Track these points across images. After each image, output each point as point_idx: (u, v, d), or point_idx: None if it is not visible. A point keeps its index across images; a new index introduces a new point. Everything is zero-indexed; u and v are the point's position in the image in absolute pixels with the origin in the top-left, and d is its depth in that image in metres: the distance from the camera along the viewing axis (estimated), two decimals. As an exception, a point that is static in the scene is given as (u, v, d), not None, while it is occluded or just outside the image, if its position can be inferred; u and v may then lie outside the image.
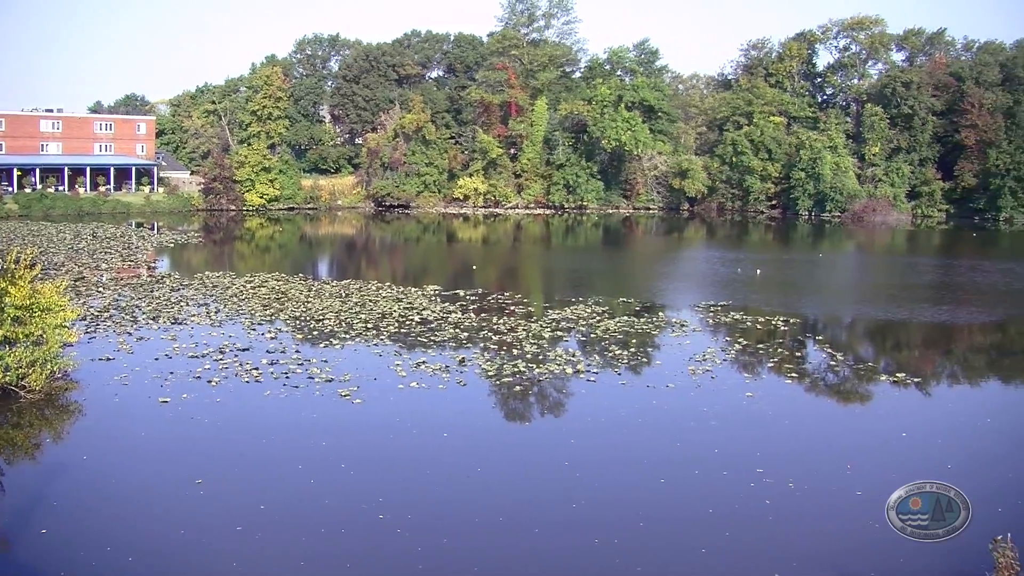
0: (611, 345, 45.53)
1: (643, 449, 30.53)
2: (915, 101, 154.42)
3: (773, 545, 23.36)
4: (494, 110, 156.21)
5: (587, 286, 67.60)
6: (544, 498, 26.34)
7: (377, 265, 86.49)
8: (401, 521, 24.16)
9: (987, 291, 68.95)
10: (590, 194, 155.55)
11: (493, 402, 36.73)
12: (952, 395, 41.47)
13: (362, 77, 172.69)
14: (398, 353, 43.16)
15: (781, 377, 40.91)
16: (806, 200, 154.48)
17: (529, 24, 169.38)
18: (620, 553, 22.62)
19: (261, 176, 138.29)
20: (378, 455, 29.65)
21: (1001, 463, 29.74)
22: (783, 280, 75.00)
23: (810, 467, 29.03)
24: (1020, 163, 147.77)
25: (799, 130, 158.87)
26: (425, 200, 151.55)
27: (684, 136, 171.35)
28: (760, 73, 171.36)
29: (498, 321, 51.18)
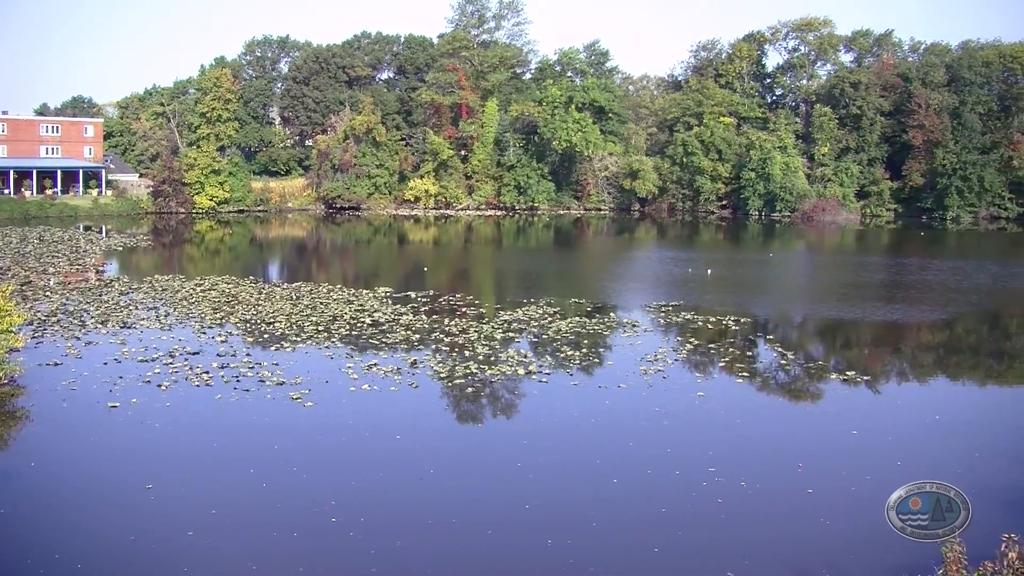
0: (563, 346, 45.61)
1: (596, 449, 30.56)
2: (863, 102, 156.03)
3: (725, 544, 23.44)
4: (444, 111, 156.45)
5: (539, 287, 67.67)
6: (497, 499, 26.35)
7: (328, 267, 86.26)
8: (354, 523, 24.11)
9: (936, 289, 69.58)
10: (541, 195, 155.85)
11: (445, 404, 36.67)
12: (902, 393, 41.76)
13: (312, 79, 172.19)
14: (349, 355, 43.05)
15: (732, 377, 41.07)
16: (756, 200, 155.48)
17: (479, 25, 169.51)
18: (573, 553, 22.66)
19: (211, 179, 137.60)
20: (330, 458, 29.55)
21: (950, 459, 29.99)
22: (734, 280, 75.28)
23: (762, 466, 29.14)
24: (966, 163, 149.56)
25: (749, 130, 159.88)
26: (376, 202, 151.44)
27: (635, 137, 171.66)
28: (710, 74, 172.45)
29: (450, 323, 51.16)
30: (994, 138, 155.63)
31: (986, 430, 34.32)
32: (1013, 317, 61.49)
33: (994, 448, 31.74)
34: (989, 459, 30.41)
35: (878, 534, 24.09)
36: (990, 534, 19.68)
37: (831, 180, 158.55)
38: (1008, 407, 39.23)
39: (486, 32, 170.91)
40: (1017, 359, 49.11)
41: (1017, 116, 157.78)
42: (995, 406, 39.35)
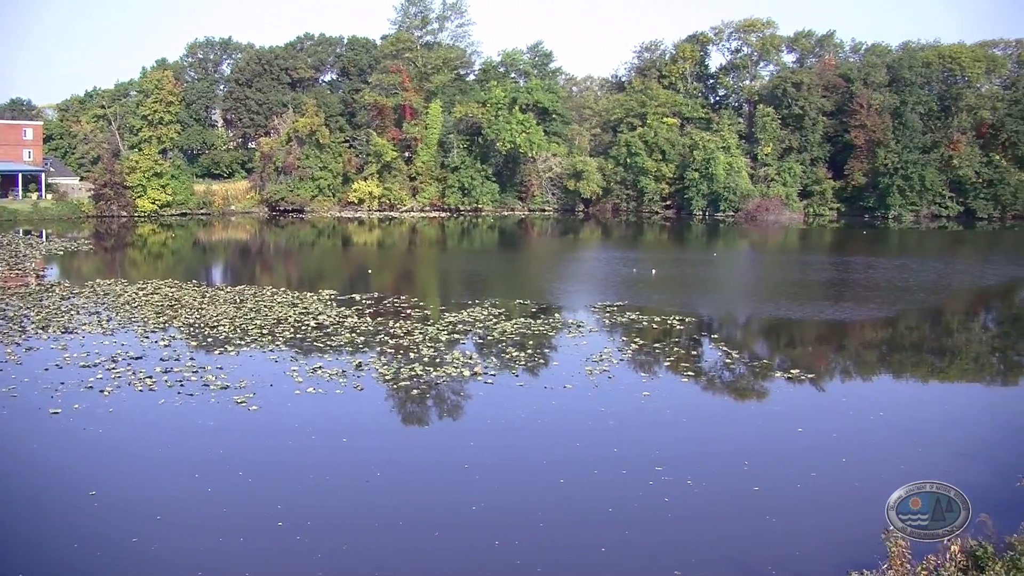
0: (508, 347, 45.58)
1: (542, 450, 30.54)
2: (806, 102, 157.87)
3: (673, 542, 23.48)
4: (388, 113, 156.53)
5: (483, 288, 67.69)
6: (444, 501, 26.24)
7: (272, 270, 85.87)
8: (300, 527, 23.94)
9: (879, 288, 70.19)
10: (485, 196, 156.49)
11: (391, 406, 36.55)
12: (846, 390, 41.97)
13: (255, 81, 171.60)
14: (294, 358, 42.82)
15: (678, 376, 41.18)
16: (700, 200, 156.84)
17: (423, 27, 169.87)
18: (520, 554, 22.61)
19: (153, 181, 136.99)
20: (276, 461, 29.34)
21: (893, 455, 30.17)
22: (679, 280, 75.61)
23: (708, 464, 29.22)
24: (907, 162, 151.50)
25: (692, 131, 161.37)
26: (320, 204, 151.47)
27: (578, 138, 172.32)
28: (653, 75, 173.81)
29: (394, 325, 51.04)
30: (934, 138, 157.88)
31: (928, 426, 34.56)
32: (955, 314, 62.06)
33: (935, 444, 31.97)
34: (931, 455, 30.64)
35: (824, 531, 24.36)
36: (934, 529, 19.83)
37: (774, 180, 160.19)
38: (949, 403, 39.53)
39: (429, 33, 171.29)
40: (959, 356, 49.52)
41: (956, 116, 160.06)
42: (937, 403, 39.64)
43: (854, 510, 25.63)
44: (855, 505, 26.02)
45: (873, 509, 24.43)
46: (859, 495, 26.71)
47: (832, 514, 25.61)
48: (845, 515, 25.44)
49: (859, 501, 26.22)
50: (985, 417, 36.78)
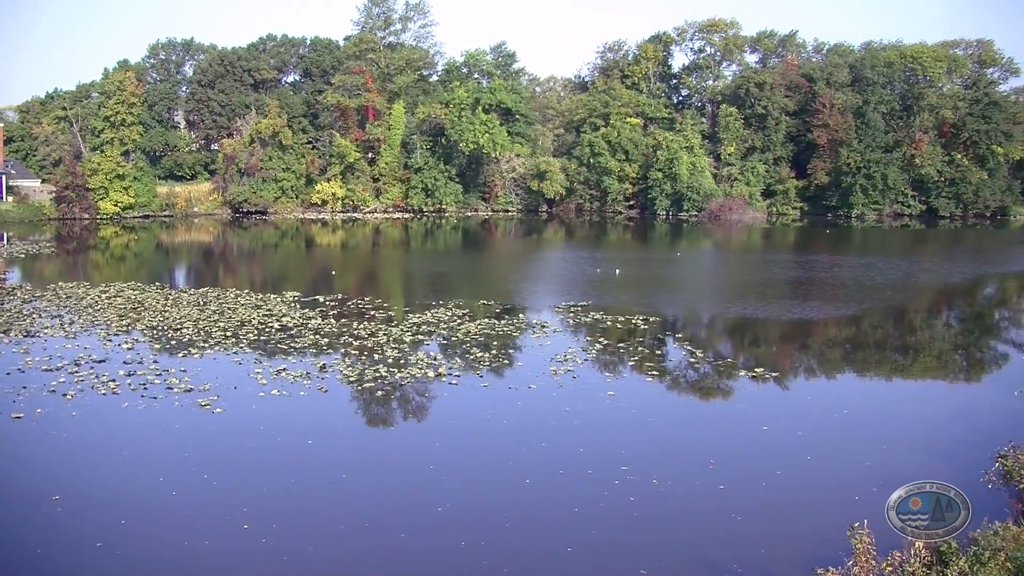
0: (472, 348, 45.58)
1: (507, 450, 30.56)
2: (768, 101, 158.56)
3: (639, 542, 23.49)
4: (351, 114, 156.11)
5: (447, 289, 67.70)
6: (410, 502, 26.18)
7: (235, 272, 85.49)
8: (266, 530, 23.85)
9: (843, 286, 70.63)
10: (449, 197, 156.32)
11: (356, 407, 36.46)
12: (810, 388, 42.16)
13: (217, 82, 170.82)
14: (258, 361, 42.66)
15: (642, 376, 41.23)
16: (664, 200, 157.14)
17: (386, 28, 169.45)
18: (487, 555, 22.60)
19: (115, 184, 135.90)
20: (241, 464, 29.23)
21: (857, 452, 30.31)
22: (642, 279, 75.72)
23: (673, 463, 29.29)
24: (870, 162, 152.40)
25: (656, 131, 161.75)
26: (283, 206, 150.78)
27: (542, 138, 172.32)
28: (616, 75, 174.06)
29: (358, 326, 50.95)
30: (897, 137, 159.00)
31: (893, 424, 34.77)
32: (919, 312, 62.44)
33: (900, 441, 32.13)
34: (895, 451, 30.80)
35: (790, 529, 24.45)
36: (898, 525, 19.93)
37: (737, 179, 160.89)
38: (914, 401, 39.72)
39: (392, 34, 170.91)
40: (922, 353, 49.81)
41: (918, 115, 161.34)
42: (901, 400, 39.83)
43: (820, 508, 25.78)
44: (821, 503, 26.17)
45: (839, 506, 24.72)
46: (825, 493, 26.87)
47: (798, 512, 25.72)
48: (811, 513, 25.56)
49: (825, 499, 26.39)
50: (948, 414, 36.99)
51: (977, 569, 17.64)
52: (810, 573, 19.18)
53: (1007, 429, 29.52)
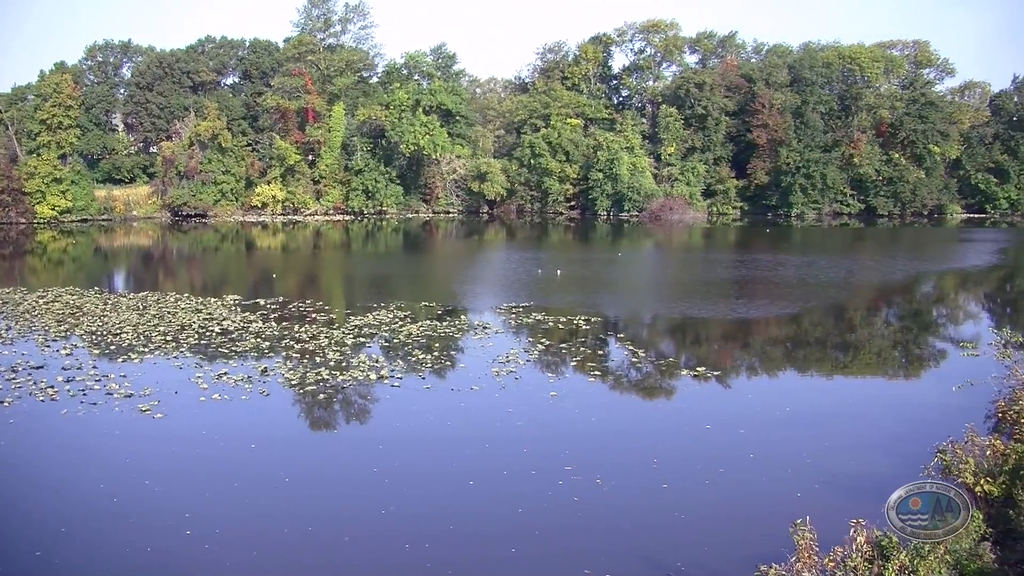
0: (414, 350, 45.49)
1: (451, 452, 30.48)
2: (708, 102, 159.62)
3: (583, 541, 23.52)
4: (291, 116, 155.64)
5: (389, 291, 67.51)
6: (354, 506, 26.08)
7: (175, 276, 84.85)
8: (209, 536, 23.67)
9: (783, 285, 71.16)
10: (389, 199, 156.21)
11: (298, 411, 36.28)
12: (752, 387, 42.37)
13: (156, 84, 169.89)
14: (199, 365, 42.39)
15: (585, 376, 41.33)
16: (604, 200, 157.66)
17: (325, 29, 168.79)
18: (431, 557, 22.53)
19: (52, 187, 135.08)
20: (183, 470, 28.96)
21: (799, 449, 30.50)
22: (584, 280, 75.87)
23: (617, 463, 29.30)
24: (809, 161, 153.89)
25: (596, 132, 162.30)
26: (223, 209, 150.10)
27: (482, 139, 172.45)
28: (556, 76, 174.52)
29: (300, 329, 50.75)
30: (835, 136, 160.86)
31: (834, 420, 35.04)
32: (858, 310, 62.88)
33: (841, 437, 32.39)
34: (837, 448, 31.04)
35: (733, 526, 24.56)
36: (839, 520, 20.12)
37: (678, 179, 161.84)
38: (854, 397, 40.01)
39: (332, 36, 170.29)
40: (862, 350, 50.16)
41: (856, 115, 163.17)
42: (842, 397, 40.11)
43: (763, 505, 25.91)
44: (764, 500, 26.31)
45: (781, 504, 24.89)
46: (767, 490, 27.00)
47: (741, 509, 25.81)
48: (754, 510, 25.67)
49: (767, 496, 26.51)
50: (888, 411, 37.21)
51: (917, 563, 17.78)
52: (753, 570, 19.21)
53: (946, 424, 29.72)
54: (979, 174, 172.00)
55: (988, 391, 34.67)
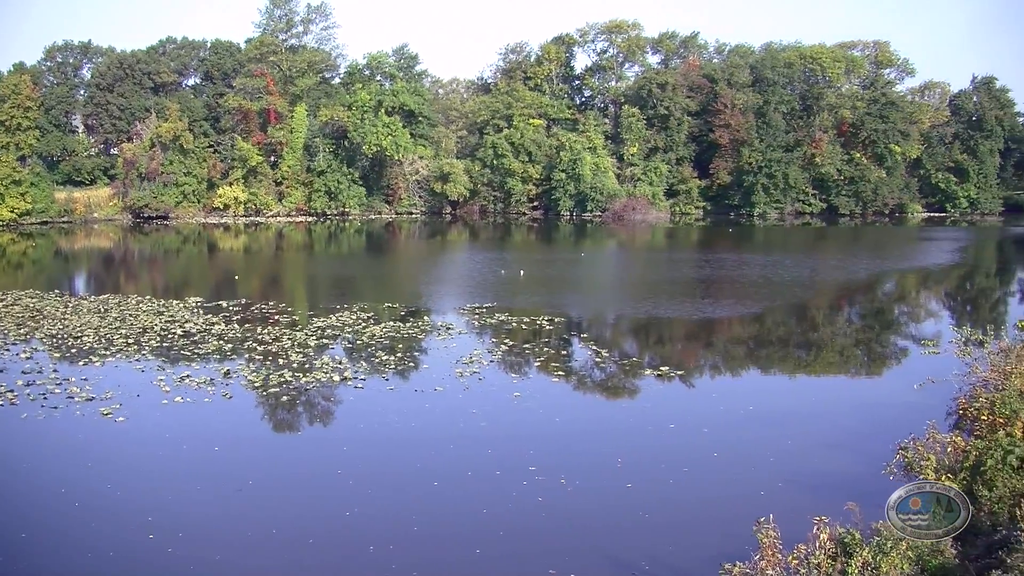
0: (378, 351, 45.42)
1: (415, 453, 30.40)
2: (671, 102, 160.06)
3: (547, 541, 23.53)
4: (253, 117, 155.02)
5: (352, 293, 67.36)
6: (318, 508, 26.00)
7: (137, 278, 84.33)
8: (172, 540, 23.54)
9: (746, 284, 71.43)
10: (352, 200, 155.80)
11: (261, 413, 36.14)
12: (716, 385, 42.51)
13: (116, 85, 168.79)
14: (161, 368, 42.14)
15: (548, 376, 41.33)
16: (567, 201, 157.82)
17: (287, 30, 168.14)
18: (395, 558, 22.48)
19: (11, 190, 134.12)
20: (145, 473, 28.79)
21: (763, 448, 30.63)
22: (547, 280, 75.97)
23: (581, 463, 29.34)
24: (771, 161, 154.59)
25: (559, 132, 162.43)
26: (184, 210, 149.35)
27: (445, 140, 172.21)
28: (519, 76, 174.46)
29: (262, 331, 50.56)
30: (797, 136, 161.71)
31: (797, 419, 35.21)
32: (820, 309, 63.17)
33: (804, 436, 32.55)
34: (800, 446, 31.21)
35: (698, 525, 24.64)
36: (803, 518, 20.24)
37: (640, 179, 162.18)
38: (817, 396, 40.23)
39: (294, 37, 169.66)
40: (824, 349, 50.41)
41: (818, 115, 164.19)
42: (805, 395, 40.37)
43: (727, 503, 25.98)
44: (728, 499, 26.38)
45: (745, 502, 24.95)
46: (731, 488, 27.09)
47: (705, 508, 25.91)
48: (718, 509, 25.75)
49: (731, 495, 26.59)
50: (851, 409, 37.41)
51: (880, 559, 17.89)
52: (718, 568, 19.25)
53: (907, 422, 29.89)
54: (939, 173, 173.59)
55: (949, 389, 34.85)
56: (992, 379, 32.12)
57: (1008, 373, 31.19)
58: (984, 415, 27.43)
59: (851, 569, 17.99)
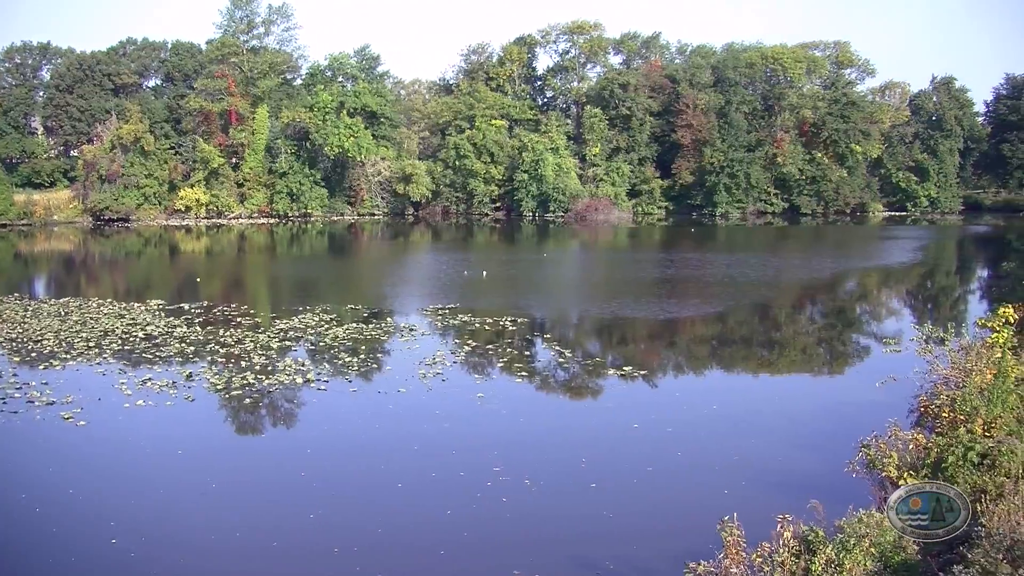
0: (341, 352, 45.30)
1: (379, 455, 30.35)
2: (633, 102, 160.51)
3: (512, 542, 23.54)
4: (214, 119, 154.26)
5: (314, 294, 67.25)
6: (282, 510, 25.90)
7: (98, 281, 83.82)
8: (134, 544, 23.39)
9: (711, 284, 71.65)
10: (314, 202, 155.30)
11: (224, 416, 35.96)
12: (679, 385, 42.67)
13: (76, 87, 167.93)
14: (123, 371, 41.85)
15: (512, 376, 41.32)
16: (530, 201, 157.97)
17: (248, 31, 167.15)
18: (360, 560, 22.41)
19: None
20: (107, 477, 28.62)
21: (726, 447, 30.72)
22: (510, 281, 75.98)
23: (545, 463, 29.33)
24: (733, 161, 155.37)
25: (521, 133, 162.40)
26: (146, 213, 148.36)
27: (407, 141, 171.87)
28: (481, 77, 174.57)
29: (225, 333, 50.32)
30: (759, 136, 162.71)
31: (760, 418, 35.29)
32: (783, 308, 63.46)
33: (767, 434, 32.64)
34: (763, 445, 31.27)
35: (662, 524, 24.68)
36: (766, 516, 20.37)
37: (603, 180, 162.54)
38: (780, 394, 40.39)
39: (255, 38, 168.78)
40: (787, 348, 50.66)
41: (780, 115, 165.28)
42: (768, 394, 40.47)
43: (690, 503, 26.08)
44: (692, 498, 26.47)
45: (709, 501, 25.03)
46: (695, 487, 27.17)
47: (669, 507, 25.98)
48: (682, 508, 25.85)
49: (695, 494, 26.68)
50: (813, 407, 37.65)
51: (843, 556, 17.99)
52: (682, 567, 19.29)
53: (869, 419, 30.00)
54: (900, 173, 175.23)
55: (910, 386, 35.12)
56: (953, 377, 32.39)
57: (968, 371, 31.45)
58: (945, 412, 27.64)
59: (815, 567, 18.08)
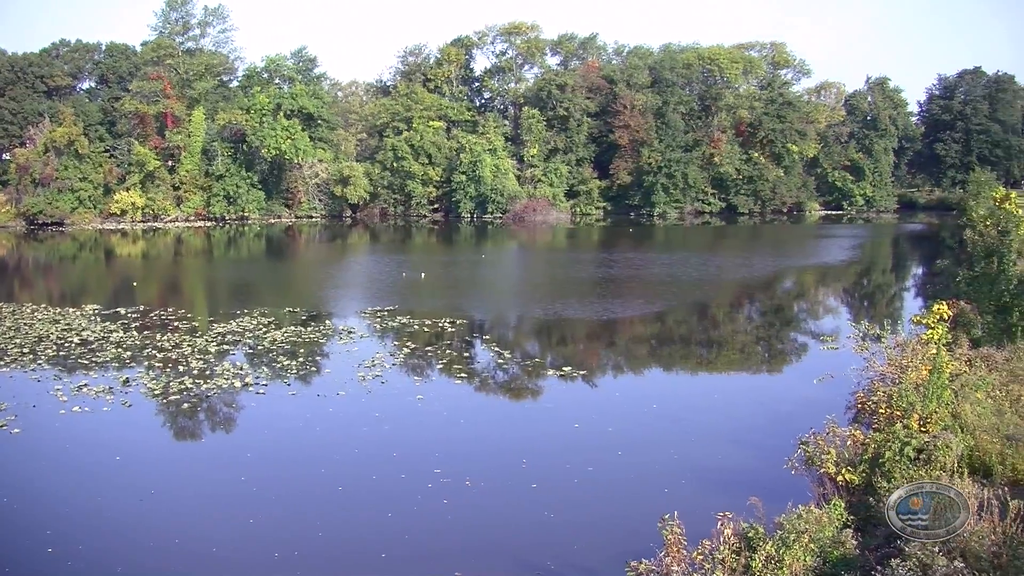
0: (279, 356, 45.08)
1: (319, 458, 30.20)
2: (570, 103, 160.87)
3: (453, 544, 23.49)
4: (150, 121, 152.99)
5: (252, 298, 66.88)
6: (222, 515, 25.74)
7: (31, 286, 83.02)
8: (72, 552, 23.15)
9: (650, 284, 72.02)
10: (251, 204, 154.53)
11: (162, 421, 35.66)
12: (618, 385, 42.79)
13: (7, 89, 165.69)
14: (58, 377, 41.41)
15: (451, 378, 41.33)
16: (468, 203, 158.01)
17: (184, 33, 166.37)
18: (300, 564, 22.29)
19: None
20: (43, 486, 28.29)
21: (666, 445, 30.89)
22: (449, 282, 76.00)
23: (486, 464, 29.39)
24: (671, 161, 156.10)
25: (459, 134, 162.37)
26: (80, 216, 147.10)
27: (344, 143, 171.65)
28: (419, 79, 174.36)
29: (162, 338, 49.93)
30: (696, 136, 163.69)
31: (699, 416, 35.46)
32: (721, 307, 63.86)
33: (707, 432, 32.81)
34: (703, 443, 31.44)
35: (603, 523, 24.70)
36: (707, 513, 20.46)
37: (541, 181, 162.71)
38: (719, 392, 40.57)
39: (191, 39, 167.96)
40: (726, 346, 50.93)
41: (717, 115, 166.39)
42: (707, 392, 40.67)
43: (631, 501, 26.12)
44: (632, 496, 26.53)
45: (650, 499, 25.12)
46: (636, 486, 27.24)
47: (610, 506, 25.99)
48: (623, 507, 25.86)
49: (636, 492, 26.75)
50: (752, 404, 37.85)
51: (783, 552, 18.12)
52: (623, 566, 19.29)
53: (807, 416, 30.23)
54: (836, 172, 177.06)
55: (848, 383, 35.37)
56: (889, 373, 32.67)
57: (904, 367, 31.76)
58: (882, 408, 27.87)
59: (755, 563, 18.19)
